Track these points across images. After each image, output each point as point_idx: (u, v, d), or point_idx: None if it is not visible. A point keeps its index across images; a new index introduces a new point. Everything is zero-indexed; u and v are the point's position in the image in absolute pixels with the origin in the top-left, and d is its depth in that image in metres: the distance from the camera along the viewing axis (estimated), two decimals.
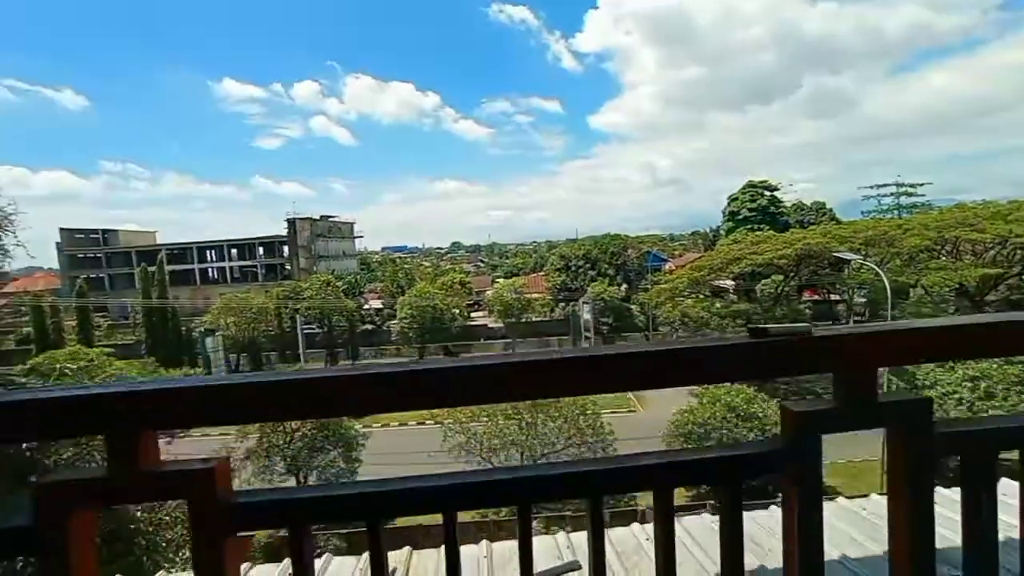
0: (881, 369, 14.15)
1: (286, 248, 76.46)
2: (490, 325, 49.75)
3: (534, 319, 48.31)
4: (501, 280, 63.63)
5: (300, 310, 43.00)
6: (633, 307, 43.78)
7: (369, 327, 50.12)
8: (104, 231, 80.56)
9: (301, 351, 41.78)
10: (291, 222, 73.64)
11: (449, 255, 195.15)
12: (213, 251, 79.63)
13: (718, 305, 34.06)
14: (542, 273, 64.82)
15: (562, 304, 50.68)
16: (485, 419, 18.25)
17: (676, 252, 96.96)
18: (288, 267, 74.64)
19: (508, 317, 44.04)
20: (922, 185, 59.78)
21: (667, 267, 70.67)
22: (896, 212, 57.93)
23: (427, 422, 27.44)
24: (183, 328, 44.80)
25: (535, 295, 52.70)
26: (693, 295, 35.88)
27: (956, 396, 17.52)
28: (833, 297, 36.53)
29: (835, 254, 25.46)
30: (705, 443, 17.65)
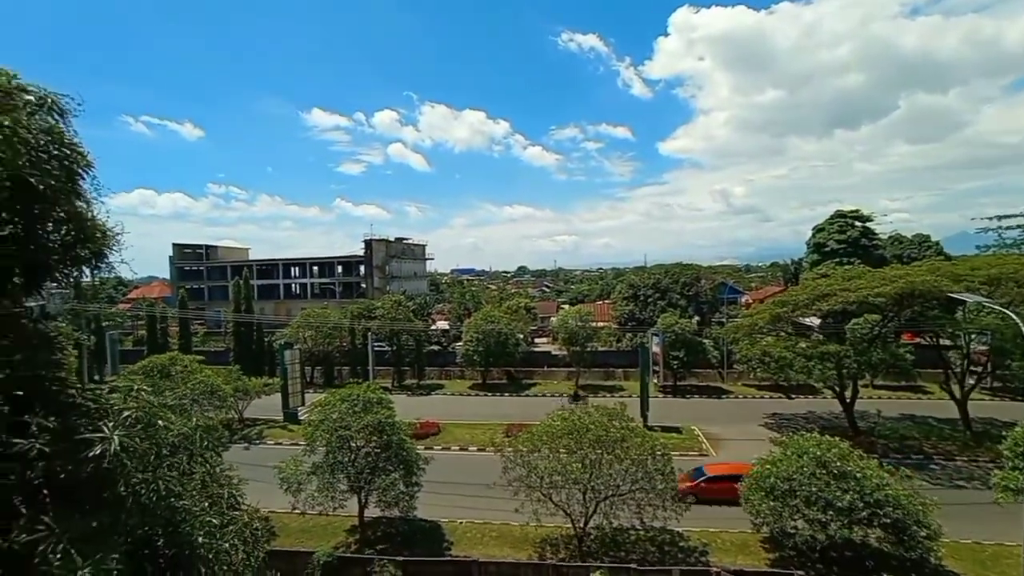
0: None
1: (362, 267, 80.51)
2: (554, 352, 48.93)
3: (599, 348, 46.91)
4: (566, 306, 62.84)
5: (372, 328, 44.66)
6: (706, 341, 41.25)
7: (435, 348, 51.00)
8: (207, 247, 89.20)
9: (371, 368, 43.19)
10: (367, 243, 77.61)
11: (515, 279, 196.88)
12: (296, 268, 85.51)
13: (803, 345, 31.13)
14: (608, 301, 63.28)
15: (629, 335, 48.89)
16: (547, 452, 17.53)
17: (753, 284, 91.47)
18: (363, 285, 78.39)
19: (573, 345, 43.02)
20: None
21: (743, 300, 66.66)
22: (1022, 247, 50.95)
23: (487, 449, 27.07)
24: (266, 339, 47.97)
25: (601, 323, 51.31)
26: (774, 332, 33.19)
27: None
28: (944, 343, 32.25)
29: (949, 294, 22.42)
30: (790, 501, 15.80)
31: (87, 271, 5.43)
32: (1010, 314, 15.70)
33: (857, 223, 55.49)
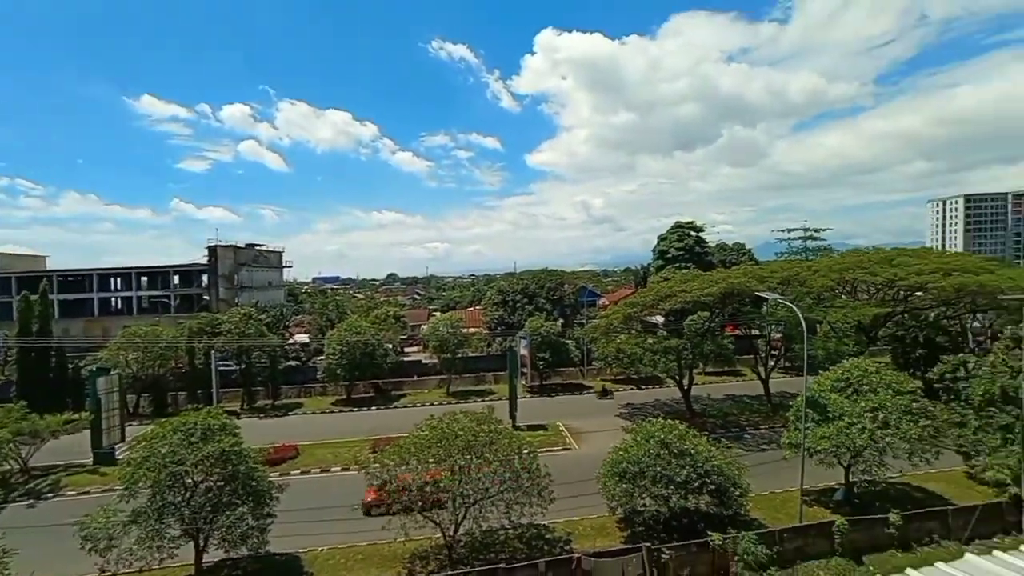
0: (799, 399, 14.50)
1: (205, 277, 70.82)
2: (424, 361, 48.17)
3: (471, 354, 47.36)
4: (438, 313, 62.40)
5: (216, 345, 39.35)
6: (569, 342, 44.14)
7: (294, 363, 46.82)
8: None
9: (214, 390, 37.96)
10: (212, 249, 68.59)
11: (384, 287, 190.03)
12: (119, 279, 72.13)
13: (650, 340, 34.98)
14: (479, 307, 64.31)
15: (499, 339, 50.20)
16: (415, 463, 17.07)
17: (609, 288, 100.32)
18: (207, 297, 68.98)
19: (443, 352, 42.78)
20: (824, 231, 66.37)
21: (601, 302, 72.66)
22: (804, 254, 63.56)
23: (352, 468, 25.54)
24: (70, 366, 39.37)
25: (472, 329, 51.89)
26: (626, 331, 36.74)
27: (859, 425, 18.76)
28: (754, 333, 38.86)
29: (756, 293, 27.11)
30: (640, 482, 17.49)
31: None
32: (794, 307, 19.37)
33: (692, 233, 64.17)
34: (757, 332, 39.77)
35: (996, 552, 13.50)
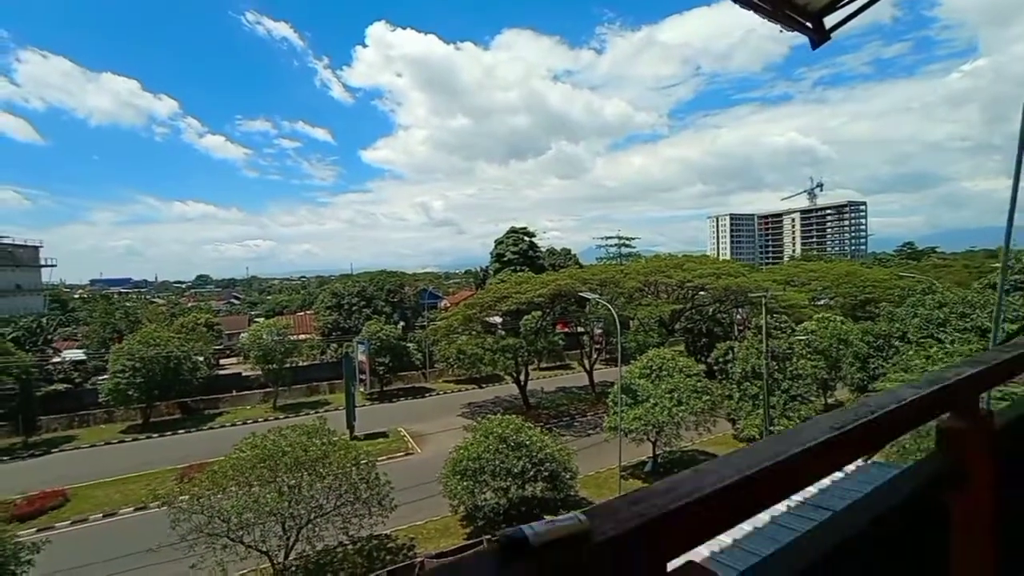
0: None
1: None
2: (246, 373, 42.66)
3: (301, 363, 43.43)
4: (261, 319, 55.80)
5: None
6: (410, 345, 43.46)
7: (62, 387, 37.26)
8: None
9: None
10: None
11: (193, 291, 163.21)
12: None
13: (489, 340, 36.42)
14: (311, 311, 59.44)
15: (334, 346, 47.13)
16: (235, 488, 15.06)
17: (451, 290, 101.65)
18: None
19: (268, 363, 38.31)
20: (634, 239, 77.16)
21: (442, 304, 73.16)
22: (618, 259, 72.90)
23: (151, 505, 21.42)
24: None
25: (303, 336, 47.74)
26: (467, 332, 37.68)
27: (660, 405, 22.29)
28: (579, 329, 43.25)
29: (580, 294, 30.29)
30: (480, 477, 18.09)
31: None
32: (609, 306, 22.12)
33: (526, 238, 68.45)
34: (582, 329, 44.31)
35: None
